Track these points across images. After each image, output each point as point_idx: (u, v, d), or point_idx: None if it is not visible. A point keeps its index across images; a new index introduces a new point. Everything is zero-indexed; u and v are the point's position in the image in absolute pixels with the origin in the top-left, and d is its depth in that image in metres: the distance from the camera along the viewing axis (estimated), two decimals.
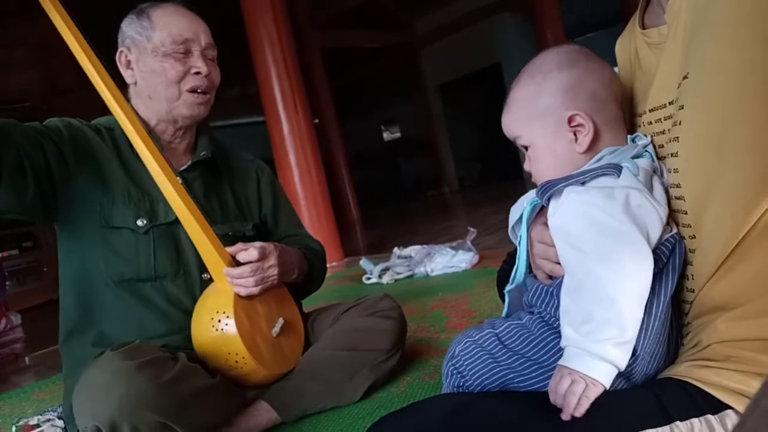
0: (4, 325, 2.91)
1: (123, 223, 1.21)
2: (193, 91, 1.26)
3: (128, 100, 1.28)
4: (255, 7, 3.82)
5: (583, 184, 0.73)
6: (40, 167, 1.12)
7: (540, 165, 0.82)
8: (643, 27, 0.82)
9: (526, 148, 0.84)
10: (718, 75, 0.64)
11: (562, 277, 0.75)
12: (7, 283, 4.38)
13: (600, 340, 0.65)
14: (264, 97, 3.94)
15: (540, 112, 0.80)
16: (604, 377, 0.65)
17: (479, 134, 10.21)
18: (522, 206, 0.84)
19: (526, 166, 0.85)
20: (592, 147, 0.78)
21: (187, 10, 1.29)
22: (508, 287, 0.86)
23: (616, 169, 0.72)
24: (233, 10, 4.00)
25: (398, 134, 11.52)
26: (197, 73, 1.25)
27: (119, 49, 1.28)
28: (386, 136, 11.72)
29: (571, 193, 0.73)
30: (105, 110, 1.24)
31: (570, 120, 0.78)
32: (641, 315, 0.67)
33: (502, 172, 9.20)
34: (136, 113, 1.26)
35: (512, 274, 0.86)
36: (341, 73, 9.21)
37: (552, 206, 0.76)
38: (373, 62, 10.03)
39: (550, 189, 0.76)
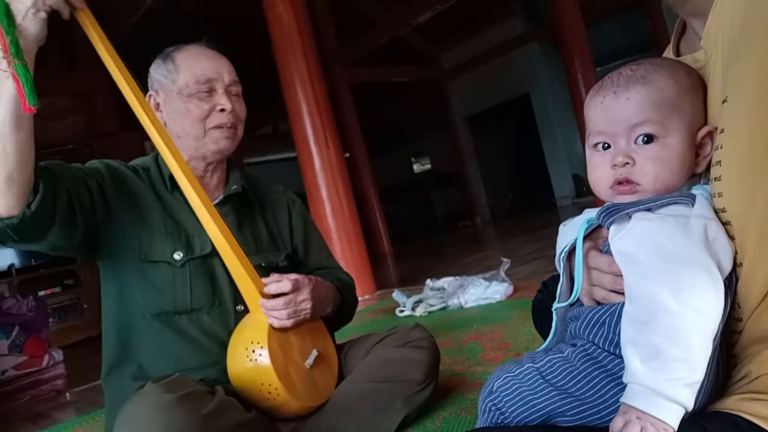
0: (47, 361, 2.97)
1: (161, 256, 1.24)
2: (219, 127, 1.30)
3: None
4: (285, 45, 3.93)
5: (650, 210, 0.70)
6: (87, 206, 1.17)
7: (661, 166, 0.71)
8: (678, 54, 0.81)
9: (649, 139, 0.71)
10: (756, 99, 0.63)
11: (613, 304, 0.72)
12: (50, 320, 4.49)
13: (671, 380, 0.62)
14: (295, 133, 4.02)
15: (691, 110, 0.71)
16: (675, 421, 0.61)
17: (509, 164, 10.18)
18: (575, 229, 0.80)
19: (621, 161, 0.72)
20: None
21: (209, 50, 1.34)
22: (557, 305, 0.82)
23: (689, 197, 0.69)
24: (264, 50, 4.12)
25: (428, 166, 11.57)
26: (222, 110, 1.29)
27: (148, 93, 1.33)
28: (416, 168, 11.77)
29: (643, 221, 0.69)
30: (142, 151, 1.27)
31: (709, 134, 0.71)
32: (710, 353, 0.63)
33: (534, 201, 9.12)
34: None
35: (558, 291, 0.82)
36: (371, 108, 9.34)
37: (613, 230, 0.73)
38: (401, 96, 10.16)
39: (616, 213, 0.72)
